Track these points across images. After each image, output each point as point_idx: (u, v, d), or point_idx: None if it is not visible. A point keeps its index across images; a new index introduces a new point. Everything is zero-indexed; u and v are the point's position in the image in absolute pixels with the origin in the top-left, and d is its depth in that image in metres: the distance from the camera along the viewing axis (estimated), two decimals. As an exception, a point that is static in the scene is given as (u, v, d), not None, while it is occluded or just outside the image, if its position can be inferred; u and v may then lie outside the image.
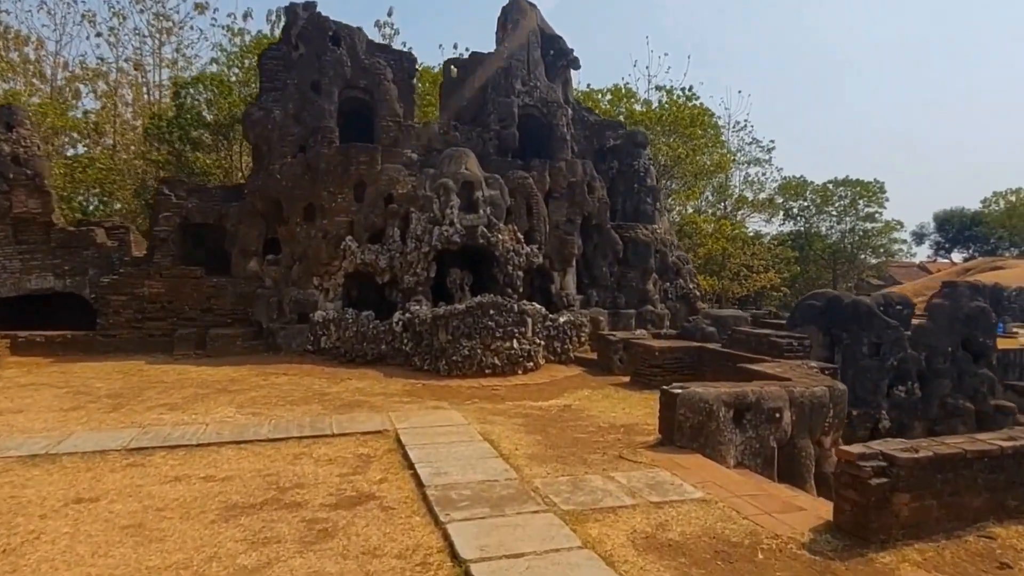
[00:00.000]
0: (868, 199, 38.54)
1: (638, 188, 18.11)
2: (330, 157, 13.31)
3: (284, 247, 13.82)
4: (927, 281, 38.41)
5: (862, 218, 38.79)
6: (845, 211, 38.79)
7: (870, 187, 38.48)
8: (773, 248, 32.81)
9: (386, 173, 13.39)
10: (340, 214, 13.29)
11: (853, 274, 41.22)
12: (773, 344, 9.69)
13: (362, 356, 12.31)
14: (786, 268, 32.52)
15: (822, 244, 38.17)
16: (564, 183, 15.15)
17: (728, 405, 6.46)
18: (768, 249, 32.15)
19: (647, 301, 16.12)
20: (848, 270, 40.39)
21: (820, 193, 38.88)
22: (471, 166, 13.57)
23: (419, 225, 13.00)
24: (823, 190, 38.96)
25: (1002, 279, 29.32)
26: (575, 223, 15.26)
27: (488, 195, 13.43)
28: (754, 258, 29.90)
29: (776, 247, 33.38)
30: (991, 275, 30.86)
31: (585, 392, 10.41)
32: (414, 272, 12.87)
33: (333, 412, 8.20)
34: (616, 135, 18.86)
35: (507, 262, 13.37)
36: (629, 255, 16.26)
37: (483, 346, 11.38)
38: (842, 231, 39.01)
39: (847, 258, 39.14)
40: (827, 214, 39.35)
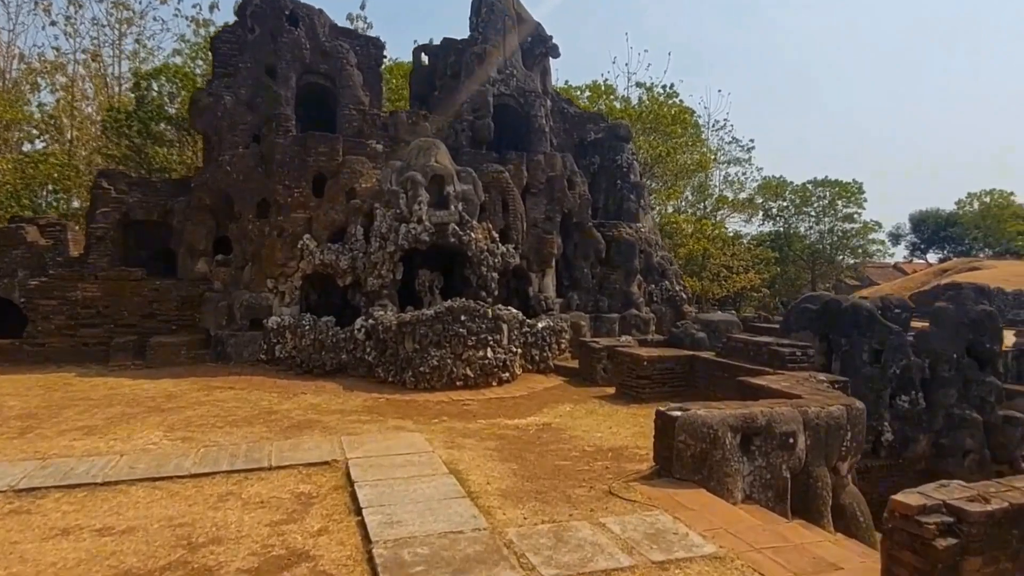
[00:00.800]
0: (847, 199, 38.68)
1: (621, 184, 17.33)
2: (286, 147, 12.29)
3: (235, 246, 12.75)
4: (904, 281, 38.44)
5: (841, 218, 38.95)
6: (824, 211, 38.91)
7: (848, 187, 38.65)
8: (753, 249, 32.61)
9: (348, 165, 12.40)
10: (297, 210, 12.26)
11: (832, 275, 41.36)
12: (774, 354, 8.92)
13: (320, 367, 11.30)
14: (766, 269, 32.28)
15: (801, 244, 38.09)
16: (543, 178, 14.29)
17: (735, 430, 5.63)
18: (748, 249, 32.02)
19: (631, 304, 15.33)
20: (827, 271, 40.48)
21: (799, 193, 39.00)
22: (442, 159, 12.65)
23: (384, 222, 12.03)
24: (802, 190, 39.06)
25: (979, 280, 29.39)
26: (554, 221, 14.41)
27: (460, 190, 12.52)
28: (734, 259, 29.61)
29: (756, 248, 33.14)
30: (968, 276, 30.97)
31: (566, 407, 9.54)
32: (379, 274, 11.90)
33: (278, 436, 7.22)
34: (598, 128, 18.08)
35: (481, 263, 12.47)
36: (612, 255, 15.45)
37: (454, 356, 10.46)
38: (820, 231, 39.15)
39: (826, 259, 39.24)
40: (806, 215, 39.48)
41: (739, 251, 30.99)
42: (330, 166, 12.37)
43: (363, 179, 12.40)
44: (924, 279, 36.02)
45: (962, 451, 11.89)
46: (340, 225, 12.36)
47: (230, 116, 12.91)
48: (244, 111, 13.02)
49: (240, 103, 13.01)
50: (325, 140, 12.38)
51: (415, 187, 12.00)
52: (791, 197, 39.08)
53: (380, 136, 13.56)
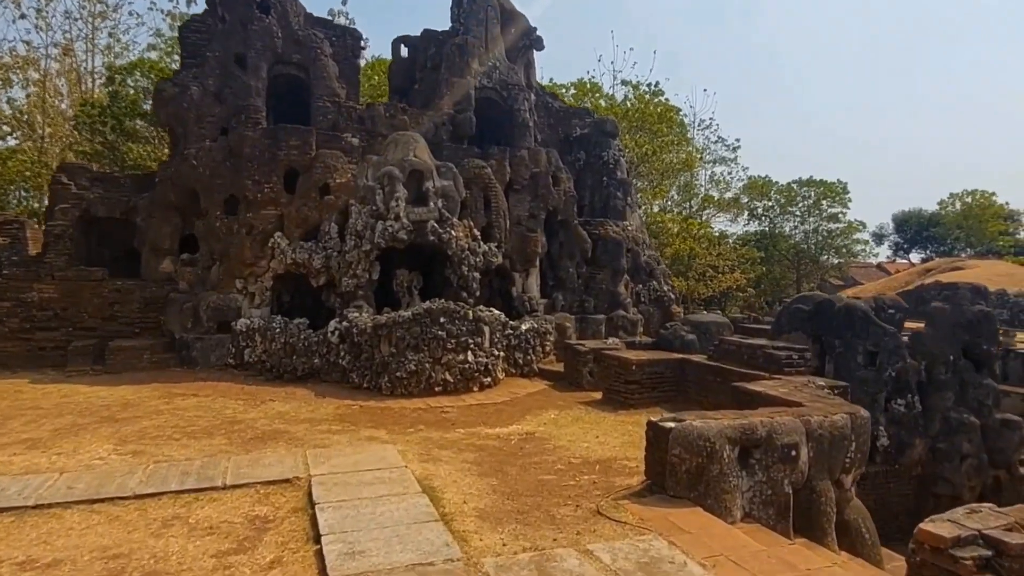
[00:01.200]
0: (832, 199, 38.80)
1: (607, 181, 16.95)
2: (255, 140, 11.75)
3: (202, 245, 12.19)
4: (888, 281, 38.60)
5: (826, 218, 39.04)
6: (809, 211, 38.95)
7: (833, 187, 38.75)
8: (738, 248, 32.66)
9: (322, 160, 11.88)
10: (267, 206, 11.73)
11: (816, 274, 41.44)
12: (770, 357, 8.55)
13: (291, 372, 10.78)
14: (751, 269, 32.29)
15: (786, 244, 38.20)
16: (526, 174, 13.86)
17: (733, 442, 5.23)
18: (734, 249, 32.03)
19: (618, 305, 14.94)
20: (811, 270, 40.55)
21: (784, 193, 39.00)
22: (420, 153, 12.17)
23: (360, 219, 11.53)
24: (787, 190, 39.07)
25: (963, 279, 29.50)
26: (539, 219, 13.98)
27: (440, 186, 12.05)
28: (720, 258, 29.52)
29: (741, 247, 33.14)
30: (951, 275, 31.19)
31: (551, 414, 9.11)
32: (354, 274, 11.39)
33: (238, 449, 6.72)
34: (583, 124, 17.68)
35: (461, 262, 12.01)
36: (598, 255, 15.06)
37: (432, 360, 9.99)
38: (805, 231, 39.19)
39: (810, 258, 39.27)
40: (791, 214, 39.54)
41: (725, 251, 30.99)
42: (302, 160, 11.85)
43: (338, 174, 11.89)
44: (908, 279, 36.21)
45: (959, 456, 11.62)
46: (313, 222, 11.85)
47: (197, 108, 12.35)
48: (212, 102, 12.46)
49: (207, 94, 12.45)
50: (297, 133, 11.86)
51: (392, 183, 11.51)
52: (776, 197, 39.18)
53: (356, 130, 13.05)
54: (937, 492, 11.62)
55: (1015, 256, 44.19)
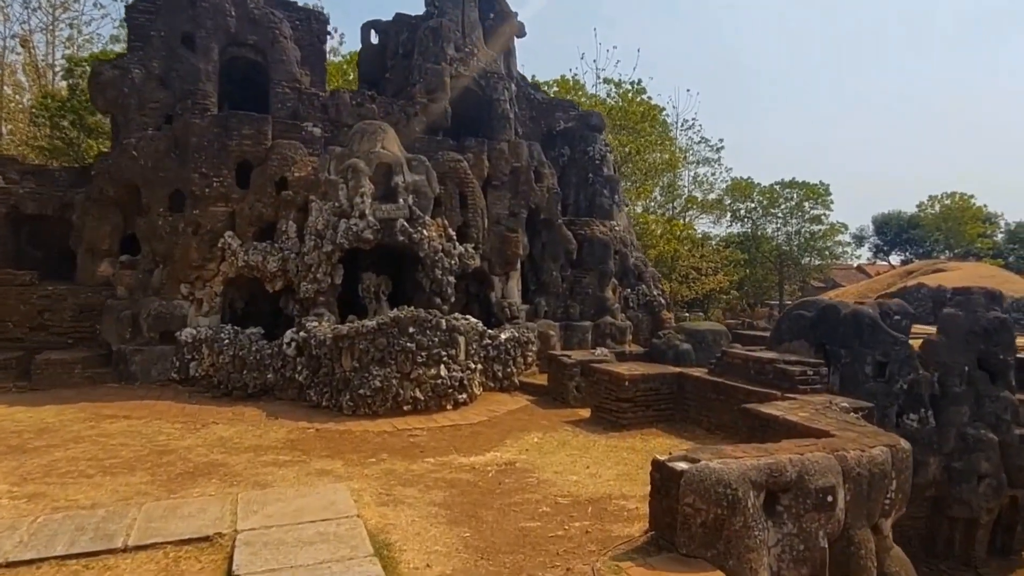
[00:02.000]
0: (814, 201, 38.83)
1: (593, 178, 16.08)
2: (203, 129, 10.68)
3: (143, 245, 11.08)
4: (870, 283, 38.54)
5: (808, 220, 39.08)
6: (791, 213, 38.95)
7: (816, 189, 38.79)
8: (722, 250, 32.39)
9: (278, 151, 10.85)
10: (217, 203, 10.67)
11: (799, 276, 41.55)
12: (781, 373, 7.70)
13: (241, 388, 9.74)
14: (735, 271, 32.01)
15: (769, 246, 38.14)
16: (506, 169, 12.93)
17: (758, 487, 4.34)
18: (717, 251, 31.71)
19: (606, 311, 14.06)
20: (794, 272, 40.56)
21: (767, 195, 38.94)
22: (389, 144, 11.18)
23: (321, 217, 10.51)
24: (770, 191, 39.03)
25: (945, 281, 29.43)
26: (520, 217, 13.06)
27: (411, 181, 11.07)
28: (703, 260, 29.12)
29: (724, 249, 32.85)
30: (934, 277, 31.05)
31: (534, 437, 8.18)
32: (314, 278, 10.37)
33: (160, 489, 5.70)
34: (567, 117, 16.81)
35: (435, 265, 11.03)
36: (584, 256, 14.17)
37: (400, 375, 9.01)
38: (788, 233, 39.14)
39: (793, 260, 39.27)
40: (773, 216, 39.47)
41: (708, 252, 30.70)
42: (256, 151, 10.81)
43: (296, 167, 10.86)
44: (890, 281, 36.06)
45: (977, 476, 10.89)
46: (269, 220, 10.81)
47: (139, 93, 11.24)
48: (156, 87, 11.36)
49: (151, 78, 11.35)
50: (250, 121, 10.81)
51: (357, 176, 10.51)
52: (759, 198, 39.13)
53: (319, 119, 12.03)
54: (953, 515, 10.89)
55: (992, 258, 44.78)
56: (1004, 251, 50.47)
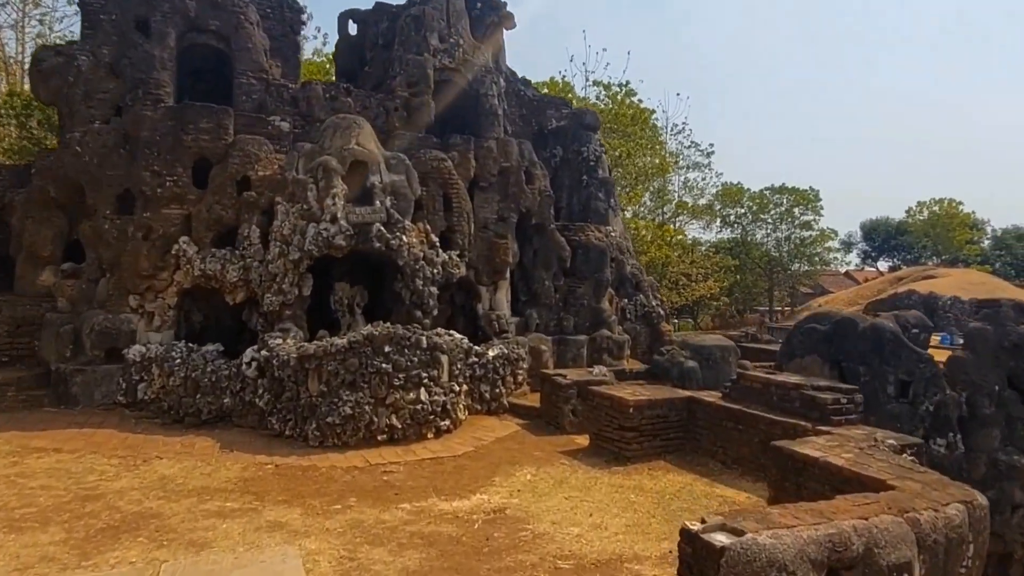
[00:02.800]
0: (804, 207, 38.83)
1: (588, 180, 15.20)
2: (156, 121, 9.67)
3: (88, 252, 10.04)
4: (860, 290, 38.46)
5: (798, 226, 39.08)
6: (781, 218, 38.94)
7: (806, 195, 38.78)
8: (712, 256, 32.17)
9: (240, 147, 9.85)
10: (171, 204, 9.65)
11: (788, 283, 41.57)
12: (810, 402, 6.80)
13: (195, 414, 8.71)
14: (725, 277, 31.66)
15: (759, 252, 38.06)
16: (495, 169, 12.00)
17: (819, 566, 3.42)
18: (707, 257, 31.45)
19: (602, 323, 13.15)
20: (783, 279, 40.53)
21: (756, 200, 38.87)
22: (365, 141, 10.22)
23: (287, 221, 9.52)
24: (759, 197, 38.99)
25: (936, 288, 29.26)
26: (509, 222, 12.13)
27: (389, 181, 10.11)
28: (693, 266, 28.62)
29: (715, 255, 32.52)
30: (925, 284, 30.92)
31: (527, 473, 7.23)
32: (279, 289, 9.37)
33: (70, 554, 4.70)
34: (560, 115, 15.93)
35: (415, 274, 10.07)
36: (578, 265, 13.26)
37: (374, 400, 8.03)
38: (777, 239, 39.08)
39: (782, 267, 39.18)
40: (763, 222, 39.45)
41: (698, 258, 30.41)
42: (216, 147, 9.80)
43: (261, 165, 9.87)
44: (880, 287, 36.06)
45: (1011, 506, 10.10)
46: (229, 224, 9.80)
47: (86, 83, 10.21)
48: (105, 76, 10.33)
49: (100, 66, 10.32)
50: (209, 113, 9.80)
51: (329, 176, 9.53)
52: (748, 204, 39.06)
53: (288, 113, 11.05)
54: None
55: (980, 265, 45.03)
56: (990, 257, 50.76)
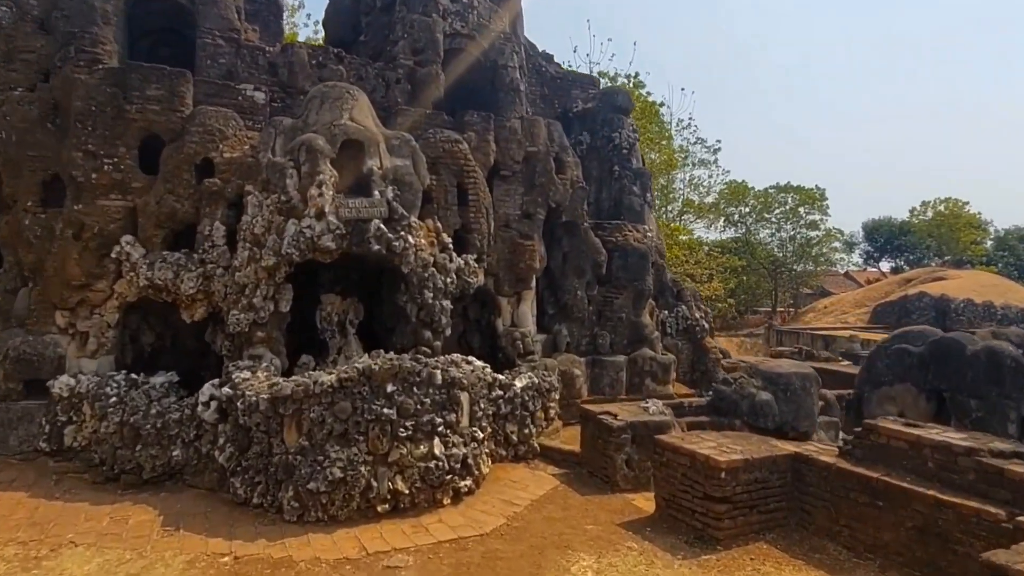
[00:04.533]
0: (810, 206, 38.58)
1: (620, 171, 13.24)
2: (92, 88, 7.68)
3: (5, 254, 8.05)
4: (866, 291, 37.65)
5: (804, 226, 38.93)
6: (786, 218, 38.78)
7: (811, 194, 38.47)
8: (717, 256, 31.38)
9: (202, 121, 7.86)
10: (111, 194, 7.67)
11: (792, 284, 41.33)
12: (993, 476, 4.84)
13: (135, 471, 6.73)
14: (730, 278, 30.45)
15: (763, 252, 37.28)
16: (519, 154, 10.05)
17: None
18: (712, 257, 30.53)
19: (643, 341, 11.21)
20: (788, 279, 40.35)
21: (760, 199, 38.67)
22: (361, 115, 8.25)
23: (260, 216, 7.54)
24: (764, 195, 38.77)
25: (948, 290, 28.18)
26: (536, 219, 10.19)
27: (391, 167, 8.15)
28: (697, 266, 27.27)
29: (720, 255, 31.37)
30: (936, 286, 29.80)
31: (585, 560, 5.28)
32: (248, 304, 7.39)
33: None
34: (587, 95, 13.97)
35: (424, 284, 8.11)
36: (615, 271, 11.32)
37: (373, 456, 6.08)
38: (781, 239, 39.02)
39: (787, 267, 39.12)
40: (767, 221, 39.27)
41: (702, 258, 29.45)
42: (169, 121, 7.81)
43: (227, 144, 7.89)
44: (887, 289, 35.12)
45: None
46: (185, 220, 7.82)
47: (6, 39, 8.21)
48: (32, 32, 8.33)
49: (25, 20, 8.31)
50: (160, 77, 7.81)
51: (314, 159, 7.54)
52: (752, 203, 38.18)
53: (264, 82, 9.07)
54: None
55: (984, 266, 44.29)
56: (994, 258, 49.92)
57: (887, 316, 27.26)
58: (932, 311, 25.75)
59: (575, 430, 10.17)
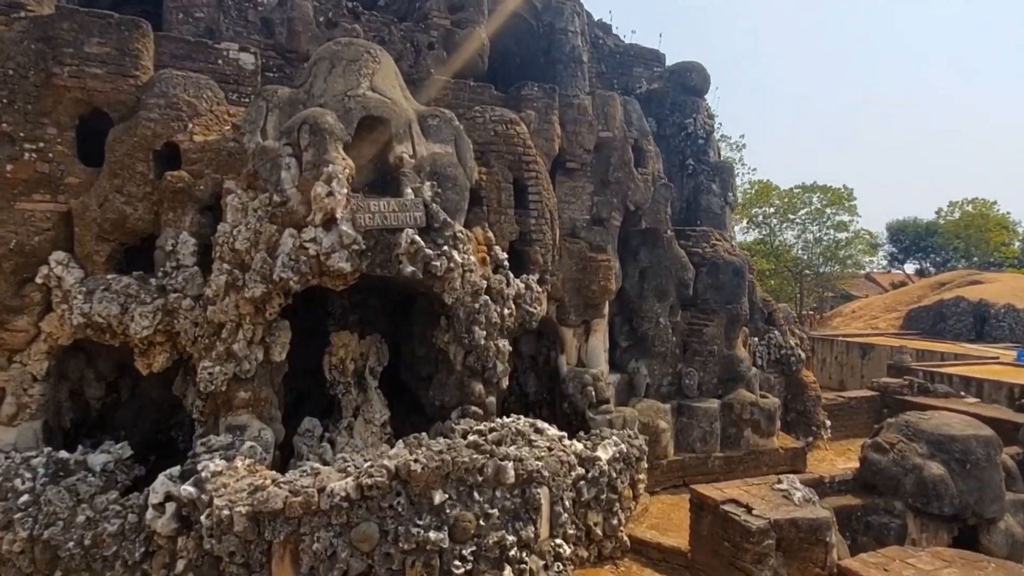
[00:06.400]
0: (838, 206, 37.09)
1: (695, 166, 11.01)
2: (11, 44, 5.55)
3: None
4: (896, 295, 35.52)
5: (832, 227, 37.41)
6: (812, 218, 37.25)
7: (839, 193, 36.95)
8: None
9: (163, 91, 5.70)
10: (35, 192, 5.53)
11: (819, 287, 40.14)
12: None
13: (51, 610, 4.55)
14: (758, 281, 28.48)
15: (789, 254, 35.59)
16: (589, 141, 7.82)
17: None
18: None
19: (737, 379, 8.95)
20: (814, 283, 39.00)
21: (785, 199, 37.11)
22: (385, 84, 6.06)
23: (244, 226, 5.37)
24: (788, 195, 37.21)
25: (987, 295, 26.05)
26: (610, 226, 7.97)
27: (428, 154, 5.96)
28: None
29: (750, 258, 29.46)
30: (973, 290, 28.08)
31: None
32: (226, 351, 5.23)
33: None
34: (651, 74, 11.77)
35: (474, 318, 5.92)
36: (701, 291, 9.06)
37: (414, 612, 3.86)
38: (807, 240, 37.41)
39: (813, 270, 37.70)
40: (792, 222, 37.67)
41: None
42: (118, 91, 5.66)
43: (200, 124, 5.74)
44: (920, 293, 32.93)
45: None
46: (140, 230, 5.66)
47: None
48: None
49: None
50: (105, 29, 5.65)
51: (320, 143, 5.35)
52: (777, 203, 36.42)
53: (255, 43, 6.90)
54: None
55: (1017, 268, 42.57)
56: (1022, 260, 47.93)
57: (921, 322, 25.80)
58: (970, 317, 24.26)
59: (663, 502, 7.99)
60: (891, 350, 17.43)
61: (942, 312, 25.32)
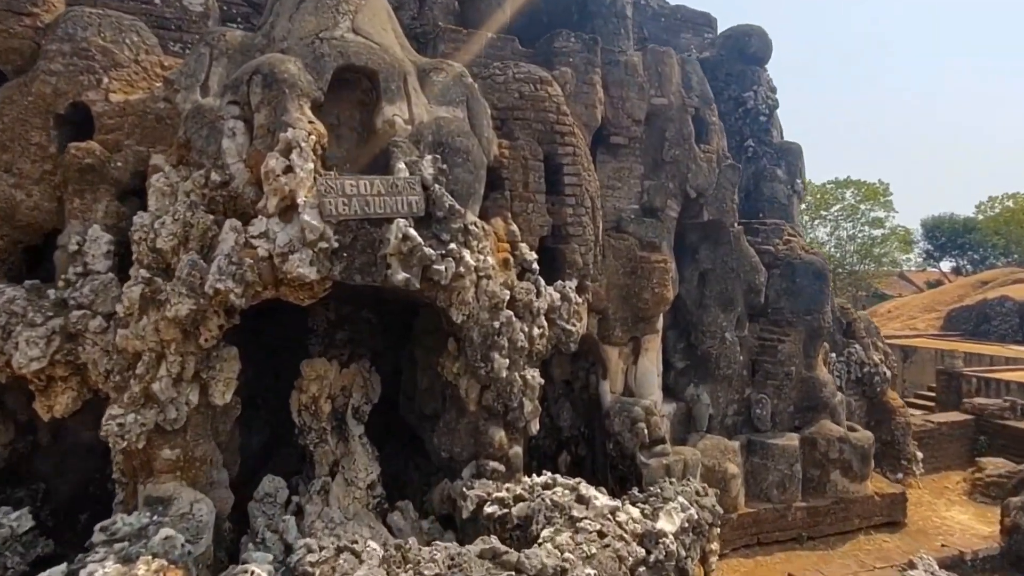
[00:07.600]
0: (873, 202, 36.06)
1: (755, 148, 9.43)
2: None
3: None
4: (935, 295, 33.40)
5: (866, 223, 36.33)
6: (846, 215, 36.33)
7: (874, 189, 35.98)
8: None
9: (69, 33, 4.26)
10: None
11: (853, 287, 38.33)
12: None
13: None
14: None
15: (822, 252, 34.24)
16: (640, 110, 6.26)
17: None
18: None
19: (820, 408, 7.35)
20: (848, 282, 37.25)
21: (817, 194, 36.02)
22: (372, 25, 4.57)
23: (170, 216, 3.89)
24: (820, 190, 36.26)
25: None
26: (665, 216, 6.40)
27: (432, 120, 4.46)
28: None
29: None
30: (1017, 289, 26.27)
31: None
32: (143, 393, 3.75)
33: None
34: (702, 40, 10.21)
35: (491, 340, 4.42)
36: (773, 298, 7.46)
37: None
38: (839, 238, 36.38)
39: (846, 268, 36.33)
40: (823, 219, 36.70)
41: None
42: (8, 33, 4.23)
43: (120, 79, 4.31)
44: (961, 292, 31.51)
45: None
46: (37, 223, 4.23)
47: None
48: None
49: None
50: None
51: (278, 99, 3.88)
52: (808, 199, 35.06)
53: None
54: None
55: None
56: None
57: (963, 322, 24.71)
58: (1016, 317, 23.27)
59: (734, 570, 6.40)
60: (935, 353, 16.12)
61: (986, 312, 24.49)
